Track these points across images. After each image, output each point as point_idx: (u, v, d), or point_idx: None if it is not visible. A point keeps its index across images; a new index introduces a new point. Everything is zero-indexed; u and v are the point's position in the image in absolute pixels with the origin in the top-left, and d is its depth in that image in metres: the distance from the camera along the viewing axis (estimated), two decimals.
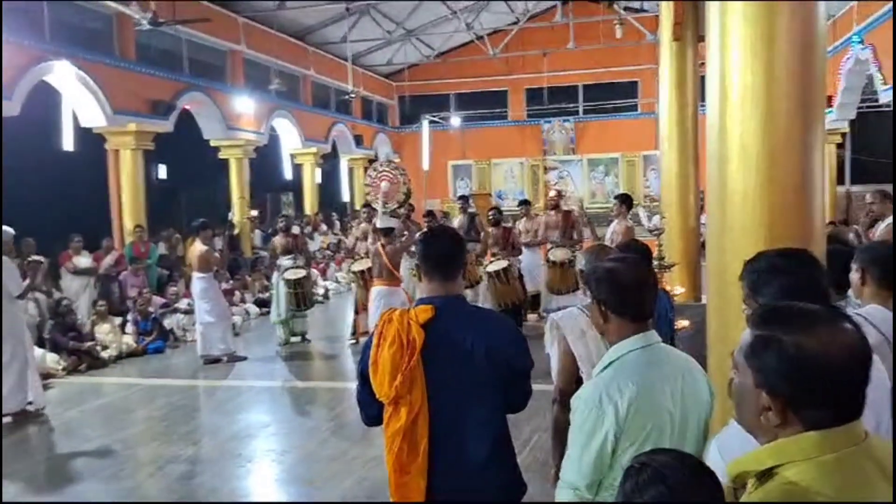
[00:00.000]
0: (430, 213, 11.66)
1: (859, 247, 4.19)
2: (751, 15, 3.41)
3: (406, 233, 9.91)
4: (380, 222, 9.33)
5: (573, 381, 3.19)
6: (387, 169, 10.63)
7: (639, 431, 2.20)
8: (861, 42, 12.65)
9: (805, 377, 1.29)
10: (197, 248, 9.60)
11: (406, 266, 10.26)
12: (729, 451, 2.07)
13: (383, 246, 8.89)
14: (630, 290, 2.35)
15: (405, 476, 2.55)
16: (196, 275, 9.62)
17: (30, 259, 7.85)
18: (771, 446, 1.34)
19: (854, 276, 2.99)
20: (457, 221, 11.80)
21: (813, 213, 3.44)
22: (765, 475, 1.33)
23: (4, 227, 7.43)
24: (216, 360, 9.52)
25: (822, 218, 3.50)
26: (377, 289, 8.84)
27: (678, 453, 1.54)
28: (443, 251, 2.72)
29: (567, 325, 3.28)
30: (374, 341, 2.60)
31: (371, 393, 2.61)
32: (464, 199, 12.75)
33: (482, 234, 11.18)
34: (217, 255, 9.77)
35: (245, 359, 9.76)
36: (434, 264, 2.69)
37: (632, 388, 2.20)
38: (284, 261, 10.51)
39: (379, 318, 2.69)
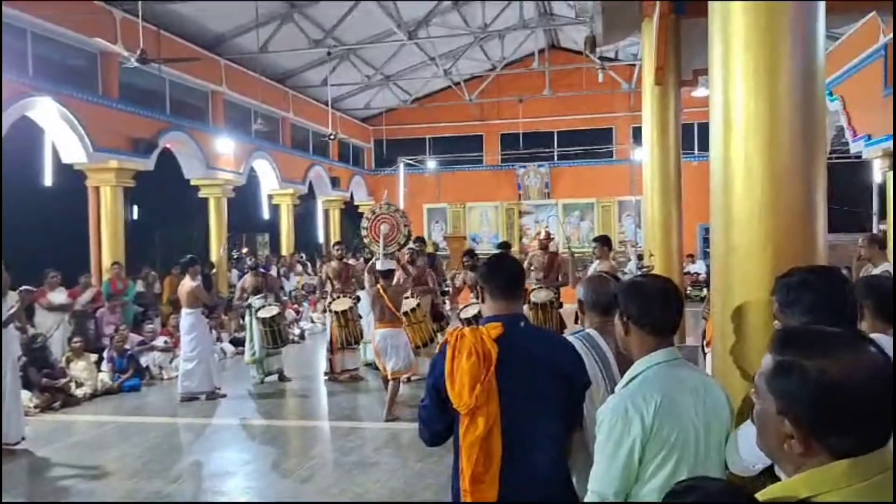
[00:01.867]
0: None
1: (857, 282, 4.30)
2: (753, 44, 3.50)
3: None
4: (380, 265, 9.30)
5: None
6: (386, 212, 10.69)
7: (664, 441, 2.23)
8: (830, 94, 12.99)
9: (828, 404, 1.24)
10: (187, 284, 9.54)
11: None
12: (748, 445, 2.18)
13: (384, 288, 8.81)
14: (651, 303, 2.40)
15: (480, 485, 2.62)
16: (185, 311, 9.56)
17: (23, 288, 7.70)
18: (803, 477, 1.29)
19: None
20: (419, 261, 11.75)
21: (815, 236, 3.51)
22: None
23: None
24: (193, 398, 9.33)
25: (824, 241, 3.56)
26: (382, 331, 8.65)
27: (722, 484, 1.45)
28: (507, 274, 2.88)
29: None
30: (449, 354, 2.69)
31: (440, 407, 2.73)
32: (420, 240, 12.82)
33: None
34: (207, 291, 9.72)
35: (224, 396, 9.61)
36: (499, 285, 2.84)
37: (657, 398, 2.25)
38: (255, 300, 10.45)
39: (448, 335, 2.79)
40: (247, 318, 10.67)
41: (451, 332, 2.78)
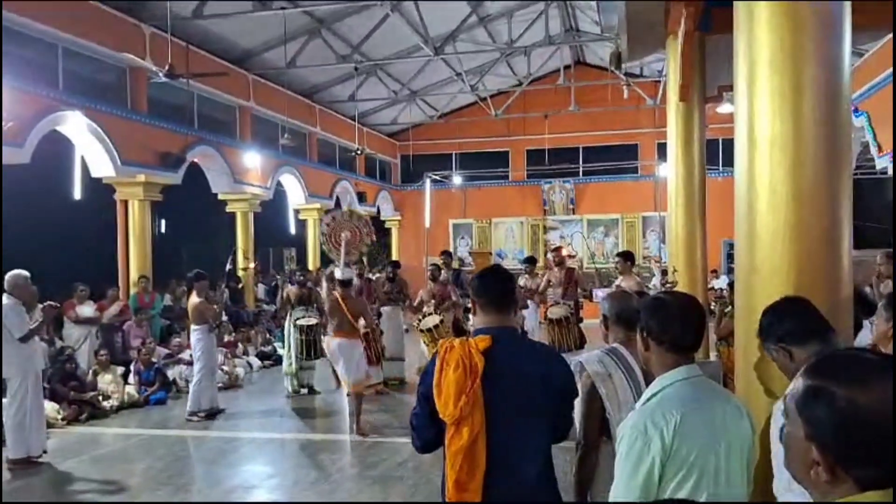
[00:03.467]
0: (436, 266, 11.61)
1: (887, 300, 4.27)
2: (778, 65, 3.47)
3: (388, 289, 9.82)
4: (339, 273, 9.18)
5: (599, 425, 3.23)
6: (349, 220, 10.60)
7: (684, 460, 2.22)
8: (856, 110, 12.84)
9: (856, 434, 1.20)
10: (192, 300, 9.41)
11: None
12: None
13: (343, 298, 8.71)
14: (672, 320, 2.39)
15: (463, 493, 2.69)
16: (192, 327, 9.45)
17: (47, 304, 7.78)
18: None
19: (884, 326, 3.08)
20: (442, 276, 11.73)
21: (841, 257, 3.47)
22: None
23: (19, 271, 7.42)
24: (193, 415, 9.27)
25: (849, 261, 3.52)
26: (338, 340, 8.53)
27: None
28: (498, 287, 2.92)
29: (593, 366, 3.29)
30: (438, 366, 2.76)
31: (430, 416, 2.79)
32: (446, 254, 12.82)
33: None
34: (213, 307, 9.53)
35: (223, 411, 9.57)
36: (490, 299, 2.89)
37: (676, 416, 2.23)
38: (298, 311, 10.46)
39: (439, 346, 2.86)
40: (286, 328, 10.65)
41: (441, 343, 2.86)
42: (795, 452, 1.31)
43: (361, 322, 8.68)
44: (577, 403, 3.34)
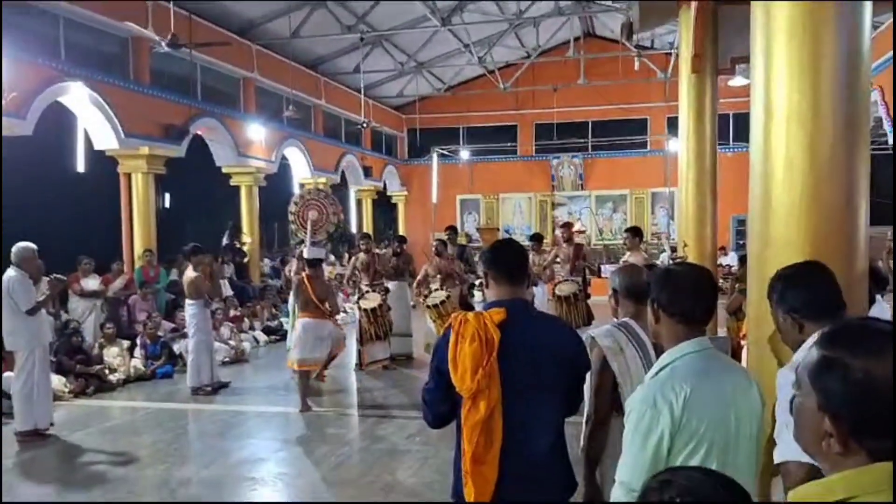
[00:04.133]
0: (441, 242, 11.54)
1: None
2: (797, 35, 3.38)
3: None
4: (307, 252, 9.09)
5: (610, 399, 3.22)
6: (315, 198, 10.46)
7: (693, 432, 2.20)
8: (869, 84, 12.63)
9: (870, 405, 1.20)
10: (188, 274, 9.34)
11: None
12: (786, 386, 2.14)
13: (310, 278, 8.61)
14: (682, 292, 2.35)
15: (480, 466, 2.68)
16: (187, 301, 9.39)
17: (53, 276, 7.74)
18: (842, 476, 1.24)
19: None
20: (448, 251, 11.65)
21: (857, 230, 3.42)
22: None
23: (26, 244, 7.39)
24: (199, 391, 9.25)
25: (865, 235, 3.46)
26: (304, 321, 8.51)
27: (704, 471, 1.39)
28: (511, 259, 2.91)
29: (605, 341, 3.27)
30: (452, 340, 2.72)
31: (444, 390, 2.78)
32: (451, 229, 12.73)
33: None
34: (207, 282, 9.39)
35: (228, 384, 9.58)
36: (503, 271, 2.87)
37: (686, 389, 2.21)
38: None
39: (452, 319, 2.81)
40: (290, 304, 10.54)
41: (455, 316, 2.81)
42: (807, 423, 1.31)
43: (326, 306, 8.65)
44: (589, 377, 3.32)
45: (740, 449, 2.27)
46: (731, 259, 18.77)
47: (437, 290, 10.12)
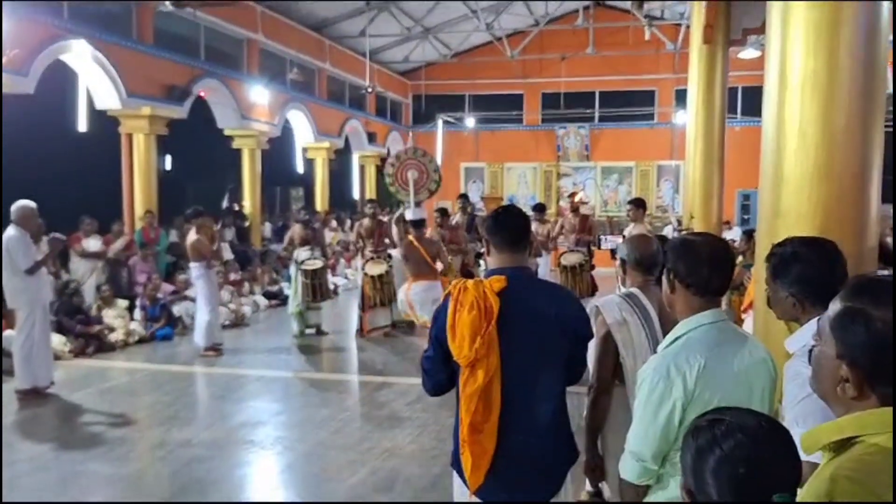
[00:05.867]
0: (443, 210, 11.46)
1: None
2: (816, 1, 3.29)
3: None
4: (410, 214, 9.02)
5: (613, 368, 3.20)
6: (413, 157, 10.33)
7: (706, 404, 2.16)
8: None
9: (889, 354, 1.28)
10: (189, 237, 9.36)
11: None
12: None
13: (418, 239, 8.54)
14: (700, 263, 2.31)
15: (478, 435, 2.66)
16: (191, 264, 9.41)
17: (52, 236, 7.70)
18: (852, 417, 1.33)
19: None
20: (455, 220, 11.53)
21: (869, 201, 3.37)
22: (843, 445, 1.32)
23: (27, 202, 7.35)
24: (211, 350, 9.29)
25: (877, 207, 3.41)
26: (418, 285, 8.49)
27: (748, 409, 1.51)
28: (513, 226, 2.85)
29: (609, 311, 3.25)
30: (451, 307, 2.69)
31: (442, 358, 2.75)
32: (464, 197, 12.62)
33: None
34: (209, 245, 9.37)
35: (221, 344, 9.53)
36: (504, 238, 2.83)
37: (700, 360, 2.20)
38: (302, 252, 10.32)
39: (451, 287, 2.79)
40: (292, 270, 10.51)
41: (454, 284, 2.78)
42: (824, 370, 1.40)
43: (439, 265, 8.64)
44: (592, 347, 3.30)
45: None
46: (735, 234, 18.69)
47: None
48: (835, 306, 1.38)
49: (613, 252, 10.24)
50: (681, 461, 1.43)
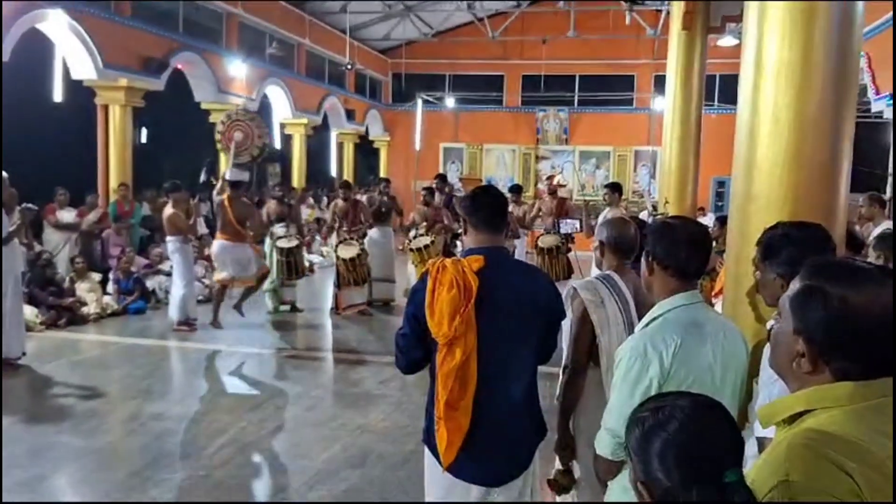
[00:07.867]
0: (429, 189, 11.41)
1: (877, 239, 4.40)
2: None
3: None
4: (230, 174, 9.08)
5: (588, 350, 3.24)
6: (242, 119, 10.27)
7: (681, 382, 2.26)
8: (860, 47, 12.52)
9: (843, 330, 1.33)
10: (166, 211, 9.27)
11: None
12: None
13: (230, 199, 8.67)
14: (678, 245, 2.39)
15: (454, 412, 2.70)
16: (167, 238, 9.35)
17: (25, 206, 7.60)
18: (804, 392, 1.38)
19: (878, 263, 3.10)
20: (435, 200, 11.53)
21: (838, 189, 3.43)
22: (794, 419, 1.38)
23: None
24: (184, 324, 9.26)
25: (846, 195, 3.48)
26: (222, 242, 8.78)
27: (683, 391, 1.52)
28: (491, 206, 2.89)
29: (586, 292, 3.28)
30: (430, 285, 2.71)
31: (418, 336, 2.78)
32: (441, 177, 12.60)
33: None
34: (186, 219, 9.33)
35: (196, 319, 9.47)
36: (482, 217, 2.86)
37: (676, 340, 2.27)
38: (277, 228, 10.26)
39: (429, 265, 2.81)
40: (266, 246, 10.43)
41: (432, 262, 2.80)
42: (781, 346, 1.45)
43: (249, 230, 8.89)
44: (567, 327, 3.33)
45: (724, 400, 2.25)
46: (709, 220, 18.86)
47: (421, 235, 10.11)
48: (794, 285, 1.43)
49: (570, 236, 10.31)
50: (626, 455, 1.43)
